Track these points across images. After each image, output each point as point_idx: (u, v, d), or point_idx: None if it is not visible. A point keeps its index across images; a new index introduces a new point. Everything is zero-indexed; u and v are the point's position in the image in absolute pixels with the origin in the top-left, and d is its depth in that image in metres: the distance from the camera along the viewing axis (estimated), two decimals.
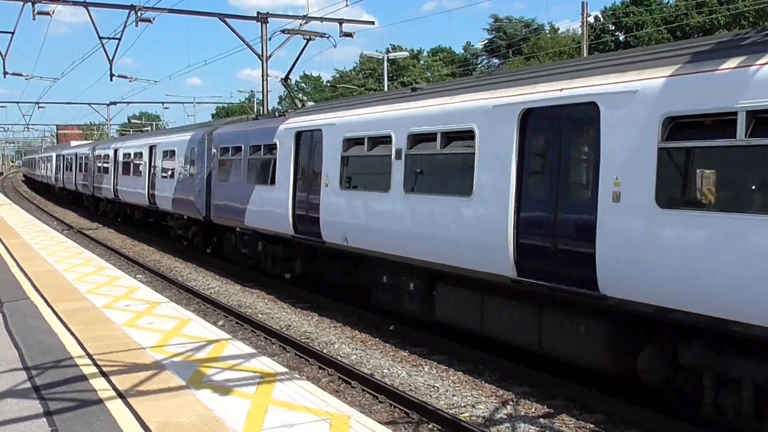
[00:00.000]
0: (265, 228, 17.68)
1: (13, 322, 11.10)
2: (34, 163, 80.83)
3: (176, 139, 25.79)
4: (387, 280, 13.42)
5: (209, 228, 22.42)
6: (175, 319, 11.45)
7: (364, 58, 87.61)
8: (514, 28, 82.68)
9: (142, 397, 7.51)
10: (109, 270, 16.79)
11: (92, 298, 13.03)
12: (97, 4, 27.01)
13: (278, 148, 17.03)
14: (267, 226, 17.53)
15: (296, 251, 17.10)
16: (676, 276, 7.84)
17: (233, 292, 18.32)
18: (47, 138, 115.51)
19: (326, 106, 17.81)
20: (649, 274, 8.12)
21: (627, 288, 8.45)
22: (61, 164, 52.15)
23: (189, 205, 23.24)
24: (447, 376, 11.16)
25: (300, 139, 16.30)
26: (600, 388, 9.81)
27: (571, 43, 65.99)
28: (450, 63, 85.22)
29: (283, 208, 16.44)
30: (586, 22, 38.75)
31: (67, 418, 6.95)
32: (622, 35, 62.58)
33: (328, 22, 29.66)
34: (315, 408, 7.23)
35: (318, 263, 16.48)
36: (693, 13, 57.17)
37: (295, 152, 16.33)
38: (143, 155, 29.46)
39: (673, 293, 7.88)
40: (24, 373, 8.45)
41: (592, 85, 9.15)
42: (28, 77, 41.83)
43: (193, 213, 23.02)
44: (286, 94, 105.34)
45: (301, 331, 14.12)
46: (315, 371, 11.54)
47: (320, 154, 15.19)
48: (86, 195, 42.73)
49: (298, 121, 16.59)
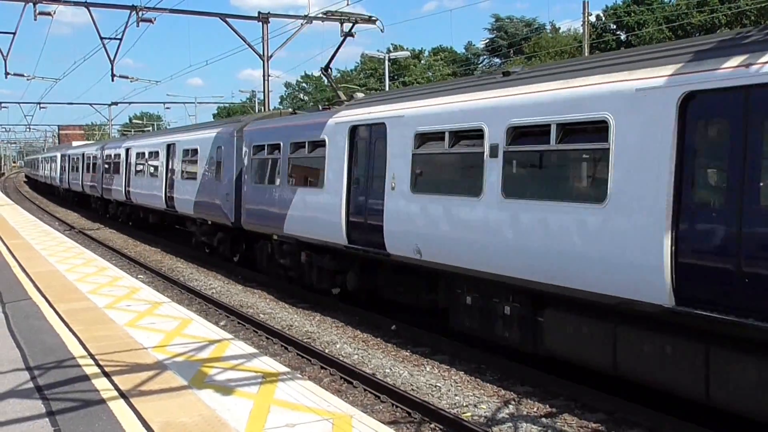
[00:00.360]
0: (310, 236, 15.64)
1: (16, 322, 11.11)
2: (37, 163, 79.23)
3: (199, 137, 23.70)
4: (472, 301, 11.53)
5: (238, 235, 20.57)
6: (177, 319, 11.45)
7: (366, 58, 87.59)
8: (516, 27, 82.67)
9: (145, 397, 7.51)
10: (110, 270, 16.80)
11: (94, 298, 13.04)
12: (98, 5, 27.02)
13: (327, 146, 14.94)
14: (312, 234, 15.48)
15: (348, 264, 14.99)
16: None
17: (235, 292, 18.33)
18: (49, 138, 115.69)
19: (389, 95, 15.53)
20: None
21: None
22: (67, 164, 50.03)
23: (214, 209, 21.34)
24: (449, 375, 11.16)
25: (356, 134, 14.23)
26: (602, 388, 9.80)
27: (573, 42, 65.95)
28: (451, 62, 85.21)
29: (333, 215, 14.42)
30: (587, 21, 38.74)
31: (70, 419, 6.95)
32: (623, 34, 62.56)
33: (329, 21, 29.65)
34: (317, 408, 7.24)
35: (377, 278, 14.43)
36: (694, 12, 57.14)
37: (349, 150, 14.22)
38: (159, 155, 27.60)
39: None
40: (26, 373, 8.46)
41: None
42: (29, 78, 41.86)
43: (219, 218, 21.10)
44: (287, 94, 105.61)
45: (303, 331, 14.12)
46: (317, 371, 11.54)
47: (383, 151, 13.15)
48: (94, 197, 40.77)
49: (353, 114, 14.41)
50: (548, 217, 9.59)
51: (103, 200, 38.58)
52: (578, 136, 9.42)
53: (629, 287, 8.41)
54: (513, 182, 10.33)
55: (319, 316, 15.41)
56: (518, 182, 10.40)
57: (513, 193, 10.20)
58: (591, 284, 8.94)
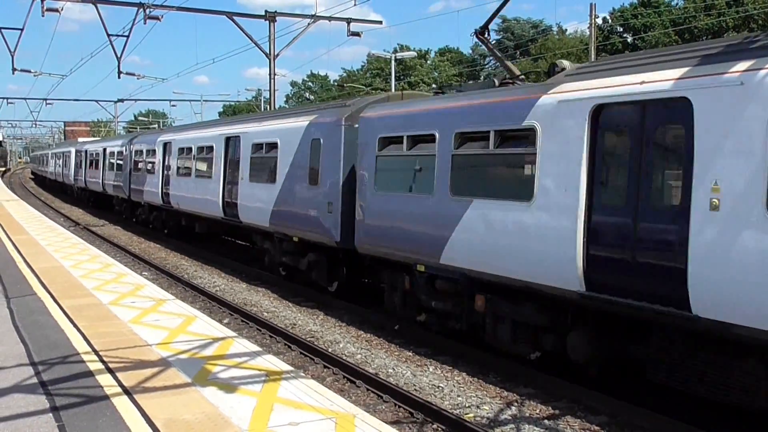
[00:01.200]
0: (498, 273, 10.81)
1: (20, 317, 11.15)
2: (46, 159, 72.73)
3: (279, 128, 18.49)
4: None
5: (338, 258, 16.13)
6: (181, 316, 11.48)
7: (372, 58, 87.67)
8: (522, 28, 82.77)
9: (148, 394, 7.54)
10: (115, 267, 16.84)
11: (99, 294, 13.08)
12: (105, 1, 27.13)
13: (540, 137, 10.00)
14: (504, 270, 10.64)
15: (570, 320, 10.22)
16: None
17: (239, 290, 18.36)
18: (55, 134, 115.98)
19: (663, 53, 9.39)
20: None
21: None
22: (83, 160, 44.36)
23: (306, 222, 16.34)
24: (452, 376, 11.17)
25: (603, 119, 9.25)
26: (604, 390, 9.80)
27: (579, 44, 65.94)
28: (458, 63, 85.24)
29: (552, 242, 9.68)
30: (594, 23, 38.69)
31: (74, 414, 6.98)
32: (630, 37, 62.49)
33: (336, 21, 29.75)
34: (320, 407, 7.25)
35: (634, 347, 9.54)
36: (701, 16, 57.04)
37: (590, 143, 9.31)
38: (214, 150, 22.36)
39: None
40: (31, 368, 8.49)
41: None
42: (36, 74, 42.01)
43: (313, 234, 16.14)
44: (293, 92, 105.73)
45: (306, 329, 14.14)
46: (320, 370, 11.56)
47: (680, 146, 8.49)
48: (118, 198, 35.39)
49: (596, 87, 9.38)
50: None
51: (129, 203, 33.46)
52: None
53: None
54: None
55: (322, 315, 15.43)
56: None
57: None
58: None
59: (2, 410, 7.10)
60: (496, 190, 11.06)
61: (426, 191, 12.39)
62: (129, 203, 33.54)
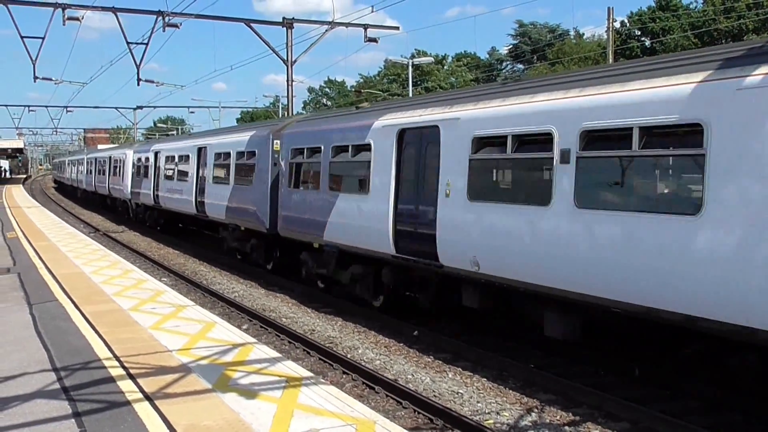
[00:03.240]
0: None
1: (43, 323, 11.25)
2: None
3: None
4: None
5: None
6: (201, 322, 11.53)
7: (389, 63, 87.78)
8: (539, 33, 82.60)
9: (169, 400, 7.58)
10: (135, 273, 16.94)
11: (119, 300, 13.17)
12: (125, 10, 27.37)
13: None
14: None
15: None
16: None
17: (257, 296, 18.41)
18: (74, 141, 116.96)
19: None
20: None
21: None
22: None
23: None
24: (471, 382, 11.14)
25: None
26: (626, 397, 9.74)
27: (597, 48, 65.64)
28: (475, 68, 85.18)
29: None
30: (612, 27, 38.55)
31: (96, 420, 7.02)
32: (648, 41, 62.19)
33: (353, 27, 29.80)
34: (340, 413, 7.25)
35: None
36: (721, 18, 56.68)
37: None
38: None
39: None
40: (53, 374, 8.56)
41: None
42: (57, 82, 42.32)
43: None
44: (310, 99, 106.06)
45: (325, 335, 14.15)
46: (339, 376, 11.56)
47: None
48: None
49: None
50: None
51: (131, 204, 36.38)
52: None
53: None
54: None
55: (341, 320, 15.44)
56: None
57: None
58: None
59: (26, 415, 7.16)
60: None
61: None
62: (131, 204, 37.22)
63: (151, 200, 32.66)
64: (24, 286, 14.59)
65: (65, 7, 25.56)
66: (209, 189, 24.11)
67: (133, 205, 37.47)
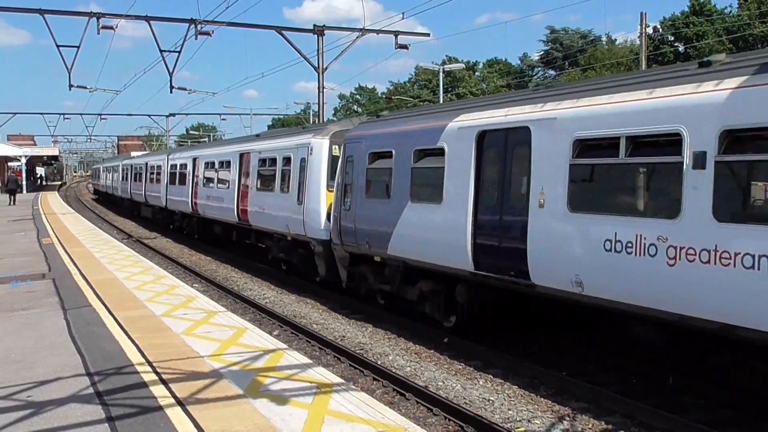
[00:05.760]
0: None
1: (77, 328, 11.39)
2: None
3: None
4: None
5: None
6: (232, 328, 11.59)
7: (420, 70, 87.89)
8: (571, 39, 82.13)
9: (201, 405, 7.62)
10: (167, 279, 17.09)
11: (151, 306, 13.28)
12: (158, 18, 27.74)
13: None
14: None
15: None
16: None
17: (288, 302, 18.47)
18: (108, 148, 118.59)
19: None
20: None
21: None
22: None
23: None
24: (502, 389, 11.07)
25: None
26: (659, 405, 9.61)
27: (629, 54, 65.14)
28: (506, 74, 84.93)
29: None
30: (645, 32, 38.21)
31: (128, 424, 7.09)
32: (681, 46, 61.55)
33: (384, 34, 29.89)
34: (371, 419, 7.24)
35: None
36: (756, 23, 55.93)
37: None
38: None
39: None
40: (87, 378, 8.66)
41: None
42: (92, 90, 42.88)
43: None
44: (341, 105, 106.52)
45: (356, 342, 14.16)
46: (369, 382, 11.55)
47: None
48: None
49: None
50: None
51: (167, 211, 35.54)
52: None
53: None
54: None
55: (371, 327, 15.43)
56: None
57: None
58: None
59: (60, 420, 7.26)
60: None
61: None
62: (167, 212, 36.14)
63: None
64: (59, 292, 14.79)
65: (100, 16, 25.99)
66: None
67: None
